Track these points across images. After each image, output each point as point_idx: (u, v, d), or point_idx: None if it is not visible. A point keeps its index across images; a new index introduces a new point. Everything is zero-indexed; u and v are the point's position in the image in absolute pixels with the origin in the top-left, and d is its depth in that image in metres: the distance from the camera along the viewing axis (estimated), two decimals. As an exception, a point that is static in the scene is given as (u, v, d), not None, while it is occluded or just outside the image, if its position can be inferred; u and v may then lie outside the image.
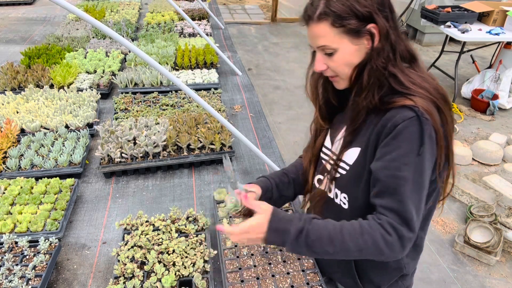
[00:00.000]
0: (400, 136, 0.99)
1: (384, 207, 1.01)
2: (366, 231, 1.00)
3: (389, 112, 1.02)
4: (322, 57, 1.09)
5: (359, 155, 1.11)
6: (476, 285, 2.76)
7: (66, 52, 3.00)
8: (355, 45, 1.03)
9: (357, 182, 1.13)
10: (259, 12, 9.14)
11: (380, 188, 1.03)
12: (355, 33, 1.02)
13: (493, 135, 4.32)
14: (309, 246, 1.04)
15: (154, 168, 1.92)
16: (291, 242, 1.04)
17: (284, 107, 5.07)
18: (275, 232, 1.06)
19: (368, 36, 1.02)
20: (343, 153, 1.16)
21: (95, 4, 4.30)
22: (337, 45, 1.04)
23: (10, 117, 2.11)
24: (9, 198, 1.60)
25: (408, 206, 0.99)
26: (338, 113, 1.28)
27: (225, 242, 1.42)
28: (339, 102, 1.24)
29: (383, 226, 0.99)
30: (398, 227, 0.98)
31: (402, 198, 0.99)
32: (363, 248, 1.00)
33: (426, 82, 1.05)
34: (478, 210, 3.22)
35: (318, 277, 1.30)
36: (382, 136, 1.03)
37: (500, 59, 5.21)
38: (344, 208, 1.19)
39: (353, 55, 1.05)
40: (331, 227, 1.04)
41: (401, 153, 0.99)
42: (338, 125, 1.25)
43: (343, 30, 1.01)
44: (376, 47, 1.03)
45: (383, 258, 1.03)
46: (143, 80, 2.59)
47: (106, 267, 1.43)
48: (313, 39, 1.07)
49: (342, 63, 1.07)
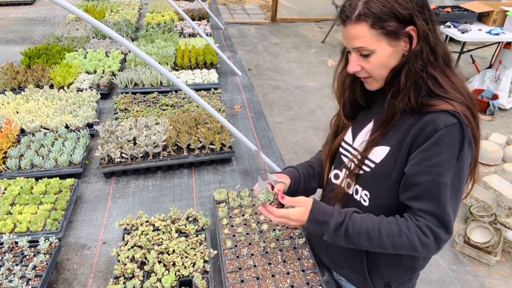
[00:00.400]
0: (441, 142, 0.99)
1: (423, 211, 1.04)
2: (404, 232, 1.04)
3: (428, 115, 1.02)
4: (357, 58, 1.08)
5: (388, 154, 1.11)
6: (476, 285, 2.77)
7: (66, 52, 3.00)
8: (393, 47, 1.03)
9: (383, 180, 1.13)
10: (259, 12, 9.15)
11: (418, 192, 1.04)
12: (394, 35, 1.00)
13: (493, 135, 4.32)
14: (348, 238, 1.10)
15: (154, 168, 1.92)
16: (330, 233, 1.10)
17: (284, 107, 5.07)
18: (315, 223, 1.12)
19: (406, 38, 1.01)
20: (369, 151, 1.15)
21: (95, 4, 4.30)
22: (374, 47, 1.03)
23: (10, 117, 2.11)
24: (9, 198, 1.60)
25: (447, 210, 1.02)
26: (362, 110, 1.27)
27: (225, 242, 1.42)
28: (365, 101, 1.24)
29: (421, 228, 1.03)
30: (436, 229, 1.02)
31: (442, 203, 1.01)
32: (399, 247, 1.06)
33: (461, 86, 1.06)
34: (478, 210, 3.22)
35: (318, 277, 1.30)
36: (420, 139, 1.03)
37: (500, 59, 5.21)
38: (364, 205, 1.20)
39: (390, 57, 1.04)
40: (370, 223, 1.08)
41: (443, 159, 1.00)
42: (362, 122, 1.24)
43: (382, 32, 1.00)
44: (414, 49, 1.02)
45: (416, 254, 1.09)
46: (143, 80, 2.59)
47: (106, 267, 1.43)
48: (350, 40, 1.05)
49: (378, 64, 1.05)
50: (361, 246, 1.11)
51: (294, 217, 1.13)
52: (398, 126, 1.10)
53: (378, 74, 1.08)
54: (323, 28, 8.03)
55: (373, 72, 1.08)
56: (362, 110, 1.27)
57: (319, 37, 7.59)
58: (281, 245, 1.42)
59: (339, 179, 1.31)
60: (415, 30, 1.00)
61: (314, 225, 1.12)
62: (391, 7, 0.98)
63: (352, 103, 1.26)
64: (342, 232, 1.09)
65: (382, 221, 1.09)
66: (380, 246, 1.07)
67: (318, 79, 5.88)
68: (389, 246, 1.07)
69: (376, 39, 1.01)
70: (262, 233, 1.47)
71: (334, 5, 5.06)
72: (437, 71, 1.03)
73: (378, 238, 1.06)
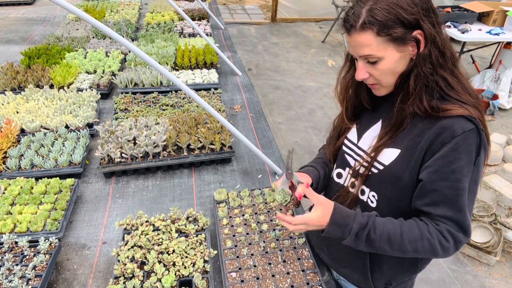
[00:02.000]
0: (459, 148, 0.99)
1: (443, 216, 1.04)
2: (425, 236, 1.04)
3: (445, 120, 1.01)
4: (364, 65, 1.07)
5: (398, 157, 1.10)
6: (476, 285, 2.76)
7: (66, 52, 3.00)
8: (400, 52, 1.02)
9: (392, 183, 1.12)
10: (259, 12, 9.15)
11: (437, 198, 1.04)
12: (401, 41, 1.00)
13: (493, 135, 4.32)
14: (369, 242, 1.08)
15: (154, 168, 1.92)
16: (351, 236, 1.07)
17: (284, 107, 5.07)
18: (336, 227, 1.09)
19: (413, 43, 1.01)
20: (378, 153, 1.14)
21: (95, 4, 4.30)
22: (382, 54, 1.02)
23: (10, 117, 2.11)
24: (9, 198, 1.60)
25: (466, 214, 1.03)
26: (365, 111, 1.27)
27: (225, 242, 1.42)
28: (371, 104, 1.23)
29: (442, 233, 1.04)
30: (456, 234, 1.03)
31: (461, 208, 1.02)
32: (420, 251, 1.06)
33: (469, 87, 1.06)
34: (478, 210, 3.22)
35: (318, 277, 1.30)
36: (436, 145, 1.02)
37: (500, 59, 5.21)
38: (372, 206, 1.19)
39: (398, 62, 1.03)
40: (391, 227, 1.07)
41: (461, 165, 1.00)
42: (368, 122, 1.23)
43: (389, 38, 0.99)
44: (422, 53, 1.01)
45: (433, 257, 1.12)
46: (143, 80, 2.59)
47: (106, 267, 1.43)
48: (356, 48, 1.04)
49: (386, 71, 1.05)
50: (381, 250, 1.09)
51: (314, 221, 1.10)
52: (409, 129, 1.09)
53: (386, 80, 1.08)
54: (323, 28, 8.03)
55: (381, 78, 1.07)
56: (366, 110, 1.27)
57: (319, 37, 7.59)
58: (281, 245, 1.42)
59: (342, 177, 1.30)
60: (422, 34, 0.99)
61: (335, 229, 1.09)
62: (396, 13, 0.97)
63: (356, 106, 1.26)
64: (364, 236, 1.07)
65: (403, 225, 1.07)
66: (401, 250, 1.07)
67: (318, 79, 5.88)
68: (410, 250, 1.06)
69: (383, 46, 1.00)
70: (262, 233, 1.47)
71: (334, 5, 5.16)
72: (447, 72, 1.03)
73: (400, 242, 1.05)
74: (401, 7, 0.97)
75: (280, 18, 8.39)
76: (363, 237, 1.07)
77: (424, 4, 0.99)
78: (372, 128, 1.21)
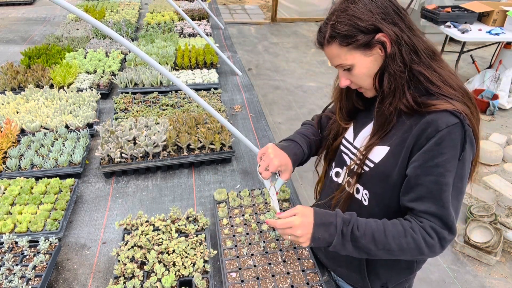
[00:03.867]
0: (443, 142, 1.00)
1: (426, 212, 1.04)
2: (409, 232, 1.03)
3: (429, 115, 1.03)
4: (343, 73, 1.15)
5: (388, 154, 1.12)
6: (476, 285, 2.77)
7: (66, 52, 3.00)
8: (369, 56, 1.07)
9: (382, 180, 1.14)
10: (259, 12, 9.15)
11: (421, 193, 1.04)
12: (365, 46, 1.05)
13: (493, 135, 4.32)
14: (354, 240, 1.06)
15: (154, 168, 1.92)
16: (338, 236, 1.06)
17: (284, 107, 5.07)
18: (321, 226, 1.08)
19: (379, 45, 1.05)
20: (369, 151, 1.16)
21: (95, 4, 4.30)
22: (351, 61, 1.08)
23: (10, 117, 2.11)
24: (9, 198, 1.60)
25: (450, 210, 1.02)
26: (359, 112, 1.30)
27: (225, 242, 1.42)
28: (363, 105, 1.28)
29: (426, 229, 1.03)
30: (440, 230, 1.02)
31: (444, 204, 1.01)
32: (405, 249, 1.04)
33: (451, 78, 1.07)
34: (478, 210, 3.22)
35: (318, 277, 1.30)
36: (422, 140, 1.03)
37: (500, 59, 5.21)
38: (364, 204, 1.21)
39: (370, 66, 1.08)
40: (374, 225, 1.07)
41: (444, 160, 1.00)
42: (363, 121, 1.26)
43: (353, 46, 1.06)
44: (390, 53, 1.05)
45: (421, 257, 1.08)
46: (143, 80, 2.59)
47: (106, 267, 1.43)
48: (330, 60, 1.14)
49: (361, 75, 1.11)
50: (366, 250, 1.07)
51: (298, 222, 1.09)
52: (398, 127, 1.11)
53: (365, 84, 1.13)
54: (323, 28, 8.02)
55: (360, 83, 1.14)
56: (361, 110, 1.30)
57: (319, 37, 7.59)
58: (281, 245, 1.42)
59: (340, 177, 1.32)
60: (386, 36, 1.04)
61: (321, 229, 1.08)
62: (353, 23, 1.03)
63: (349, 108, 1.30)
64: (349, 233, 1.06)
65: (386, 223, 1.08)
66: (386, 248, 1.05)
67: (318, 79, 5.88)
68: (395, 248, 1.04)
69: (350, 54, 1.07)
70: (262, 233, 1.47)
71: (334, 5, 4.92)
72: (423, 67, 1.06)
73: (384, 239, 1.04)
74: (358, 17, 1.03)
75: (280, 18, 8.39)
76: (348, 235, 1.06)
77: (383, 10, 1.04)
78: (366, 127, 1.24)
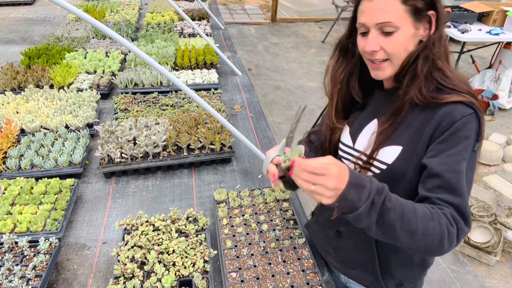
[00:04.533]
0: (459, 132, 0.98)
1: (444, 201, 0.98)
2: (435, 217, 0.94)
3: (443, 108, 1.00)
4: (377, 36, 1.02)
5: (401, 153, 1.07)
6: (476, 285, 2.77)
7: (66, 53, 3.00)
8: (415, 29, 1.01)
9: (398, 181, 1.08)
10: (259, 12, 9.15)
11: (438, 183, 0.99)
12: (419, 16, 0.99)
13: (493, 135, 4.32)
14: (382, 212, 0.92)
15: (154, 168, 1.92)
16: (368, 202, 0.90)
17: (284, 107, 5.07)
18: (354, 187, 0.89)
19: (426, 23, 1.01)
20: (377, 151, 1.10)
21: (95, 4, 4.30)
22: (400, 24, 0.99)
23: (10, 117, 2.11)
24: (9, 198, 1.60)
25: (467, 200, 0.98)
26: (353, 111, 1.24)
27: (225, 242, 1.42)
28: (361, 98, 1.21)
29: (447, 216, 0.95)
30: (459, 220, 0.96)
31: (462, 193, 0.98)
32: (430, 234, 0.93)
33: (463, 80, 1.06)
34: (478, 210, 3.22)
35: (318, 277, 1.30)
36: (437, 132, 1.01)
37: (500, 59, 5.21)
38: None
39: (410, 40, 1.02)
40: (404, 202, 0.96)
41: (460, 149, 0.98)
42: (360, 123, 1.21)
43: (411, 9, 0.98)
44: (433, 36, 1.01)
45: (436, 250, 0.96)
46: (143, 80, 2.59)
47: (106, 267, 1.43)
48: (375, 13, 1.00)
49: (400, 44, 1.01)
50: (389, 226, 0.93)
51: (335, 171, 0.86)
52: (408, 123, 1.07)
53: (398, 56, 1.03)
54: (323, 28, 8.03)
55: (394, 52, 1.02)
56: (356, 111, 1.24)
57: (319, 37, 7.59)
58: (281, 245, 1.42)
59: None
60: (435, 16, 1.00)
61: (353, 190, 0.89)
62: None
63: (346, 101, 1.22)
64: (380, 203, 0.91)
65: (413, 203, 0.97)
66: (411, 229, 0.93)
67: (318, 79, 5.88)
68: (419, 231, 0.93)
69: (403, 16, 0.98)
70: (262, 233, 1.47)
71: (334, 5, 5.16)
72: (445, 63, 1.04)
73: (413, 218, 0.93)
74: None
75: (280, 18, 8.39)
76: (378, 205, 0.91)
77: None
78: (366, 127, 1.19)
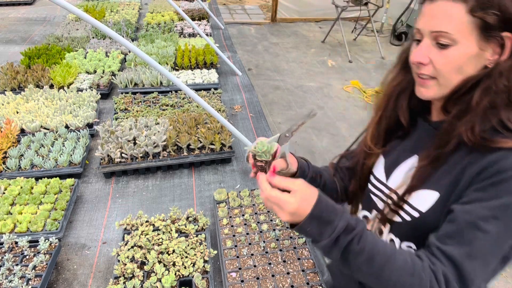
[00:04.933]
0: (502, 185, 0.79)
1: (445, 254, 0.81)
2: (417, 273, 0.80)
3: (494, 153, 0.81)
4: (429, 47, 0.86)
5: (438, 202, 0.89)
6: (476, 285, 2.76)
7: (66, 52, 3.00)
8: (479, 49, 0.82)
9: (431, 231, 0.90)
10: (259, 12, 9.15)
11: (449, 231, 0.83)
12: (487, 34, 0.81)
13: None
14: (346, 253, 0.82)
15: (154, 168, 1.92)
16: (330, 240, 0.81)
17: (284, 107, 5.07)
18: (317, 222, 0.81)
19: (497, 46, 0.82)
20: (410, 194, 0.93)
21: (95, 4, 4.30)
22: (460, 38, 0.81)
23: (10, 117, 2.11)
24: (9, 198, 1.60)
25: (475, 264, 0.79)
26: (393, 138, 1.08)
27: (225, 242, 1.42)
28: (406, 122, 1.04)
29: (436, 275, 0.80)
30: (452, 283, 0.79)
31: (472, 253, 0.79)
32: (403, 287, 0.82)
33: None
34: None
35: (318, 277, 1.30)
36: (478, 180, 0.82)
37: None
38: None
39: (470, 60, 0.83)
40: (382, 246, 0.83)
41: (496, 205, 0.79)
42: (398, 156, 1.04)
43: (478, 23, 0.80)
44: (503, 63, 0.81)
45: None
46: (143, 80, 2.59)
47: (106, 267, 1.43)
48: (433, 19, 0.84)
49: (454, 62, 0.83)
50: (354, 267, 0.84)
51: (290, 207, 0.80)
52: (450, 165, 0.89)
53: (448, 76, 0.86)
54: (323, 28, 8.03)
55: (444, 70, 0.85)
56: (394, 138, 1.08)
57: (319, 37, 7.59)
58: (281, 245, 1.42)
59: (369, 223, 1.10)
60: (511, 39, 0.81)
61: (314, 223, 0.81)
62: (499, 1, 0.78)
63: (390, 121, 1.06)
64: (345, 244, 0.81)
65: (395, 252, 0.84)
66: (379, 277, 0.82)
67: (318, 79, 5.88)
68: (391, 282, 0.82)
69: (466, 29, 0.81)
70: (262, 233, 1.47)
71: (334, 5, 5.17)
72: None
73: (384, 266, 0.81)
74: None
75: (280, 18, 8.39)
76: (342, 244, 0.81)
77: None
78: (404, 163, 1.01)
